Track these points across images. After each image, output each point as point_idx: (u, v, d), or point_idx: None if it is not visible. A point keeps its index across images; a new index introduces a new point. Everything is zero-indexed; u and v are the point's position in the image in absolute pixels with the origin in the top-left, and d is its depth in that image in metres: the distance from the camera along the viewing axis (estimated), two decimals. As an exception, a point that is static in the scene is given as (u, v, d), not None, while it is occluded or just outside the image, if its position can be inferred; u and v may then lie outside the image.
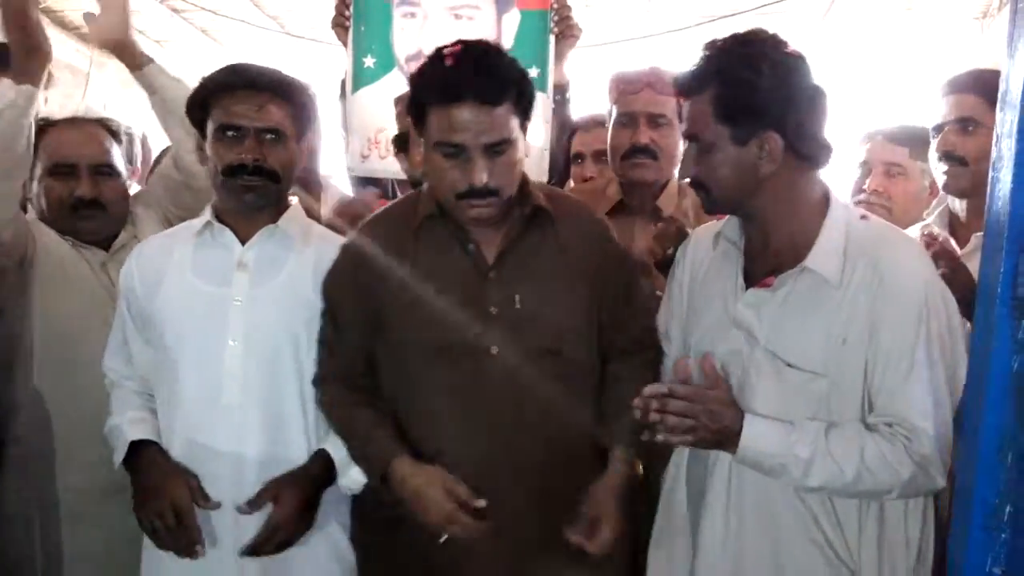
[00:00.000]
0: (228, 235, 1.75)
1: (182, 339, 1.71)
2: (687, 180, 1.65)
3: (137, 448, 1.72)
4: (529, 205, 1.63)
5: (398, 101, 2.28)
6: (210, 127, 1.71)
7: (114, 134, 2.09)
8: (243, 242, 1.75)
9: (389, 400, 1.67)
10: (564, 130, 2.51)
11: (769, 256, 1.52)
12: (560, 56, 2.44)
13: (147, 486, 1.68)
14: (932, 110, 2.03)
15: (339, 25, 2.50)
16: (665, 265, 1.85)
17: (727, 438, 1.41)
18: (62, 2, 5.28)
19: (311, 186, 2.38)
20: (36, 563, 1.89)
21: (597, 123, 2.46)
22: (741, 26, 1.53)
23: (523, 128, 1.59)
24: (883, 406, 1.40)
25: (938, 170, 1.99)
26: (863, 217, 1.52)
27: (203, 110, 1.72)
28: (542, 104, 2.34)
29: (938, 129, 2.00)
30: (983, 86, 1.92)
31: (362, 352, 1.68)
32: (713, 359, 1.49)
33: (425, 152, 1.57)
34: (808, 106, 1.46)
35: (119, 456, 1.73)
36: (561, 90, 2.47)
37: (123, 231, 2.06)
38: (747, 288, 1.52)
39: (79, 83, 5.35)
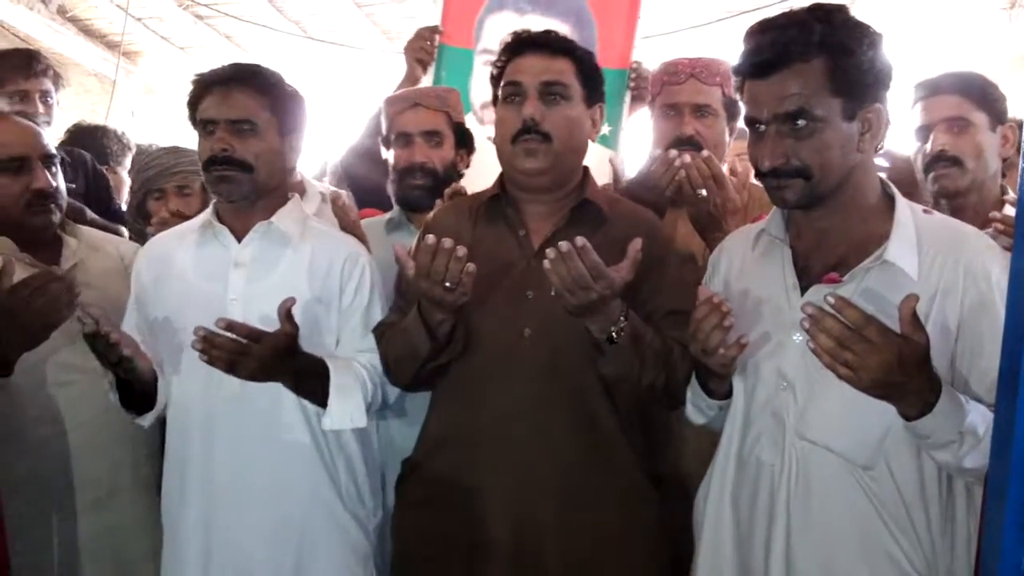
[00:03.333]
0: (226, 233, 1.78)
1: (184, 335, 1.73)
2: (771, 170, 1.39)
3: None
4: (580, 196, 1.71)
5: (394, 100, 2.31)
6: None
7: (35, 123, 2.00)
8: (240, 240, 1.77)
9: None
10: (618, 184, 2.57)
11: (826, 252, 1.43)
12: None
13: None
14: (911, 114, 2.04)
15: (417, 58, 2.59)
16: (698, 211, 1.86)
17: (912, 393, 1.23)
18: (89, 11, 5.34)
19: (293, 185, 2.41)
20: (53, 560, 1.87)
21: None
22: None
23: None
24: (990, 396, 1.30)
25: (927, 174, 1.99)
26: (926, 211, 1.46)
27: (194, 111, 1.76)
28: (611, 160, 2.41)
29: (923, 132, 2.01)
30: (964, 86, 1.98)
31: None
32: None
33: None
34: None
35: (114, 394, 1.77)
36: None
37: (66, 247, 1.93)
38: (801, 287, 1.43)
39: (106, 90, 5.42)
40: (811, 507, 1.40)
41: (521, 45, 1.71)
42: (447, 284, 1.49)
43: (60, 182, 1.93)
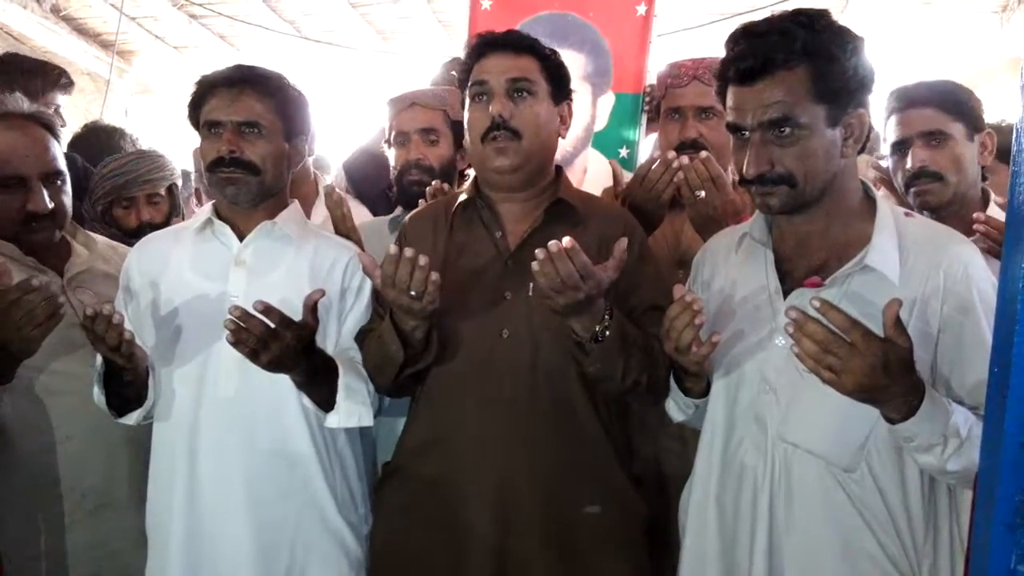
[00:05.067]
0: (227, 232, 1.77)
1: (179, 333, 1.74)
2: (756, 177, 1.39)
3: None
4: (555, 196, 1.71)
5: (394, 101, 2.33)
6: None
7: (51, 129, 1.88)
8: (242, 239, 1.76)
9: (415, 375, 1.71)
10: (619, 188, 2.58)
11: (808, 256, 1.44)
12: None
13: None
14: (886, 125, 2.01)
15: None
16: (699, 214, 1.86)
17: (896, 397, 1.24)
18: (84, 10, 5.33)
19: (305, 180, 2.42)
20: (41, 572, 1.81)
21: None
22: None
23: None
24: (972, 398, 1.33)
25: (908, 189, 1.97)
26: (907, 215, 1.47)
27: (197, 112, 1.76)
28: (612, 163, 2.43)
29: (900, 146, 1.99)
30: (938, 97, 1.95)
31: None
32: None
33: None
34: None
35: (99, 390, 1.74)
36: None
37: (75, 255, 1.91)
38: (784, 290, 1.44)
39: (99, 89, 5.41)
40: (794, 509, 1.41)
41: (485, 46, 1.72)
42: (412, 293, 1.49)
43: (64, 198, 1.87)
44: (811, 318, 1.22)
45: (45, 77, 2.86)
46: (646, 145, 2.72)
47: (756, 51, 1.35)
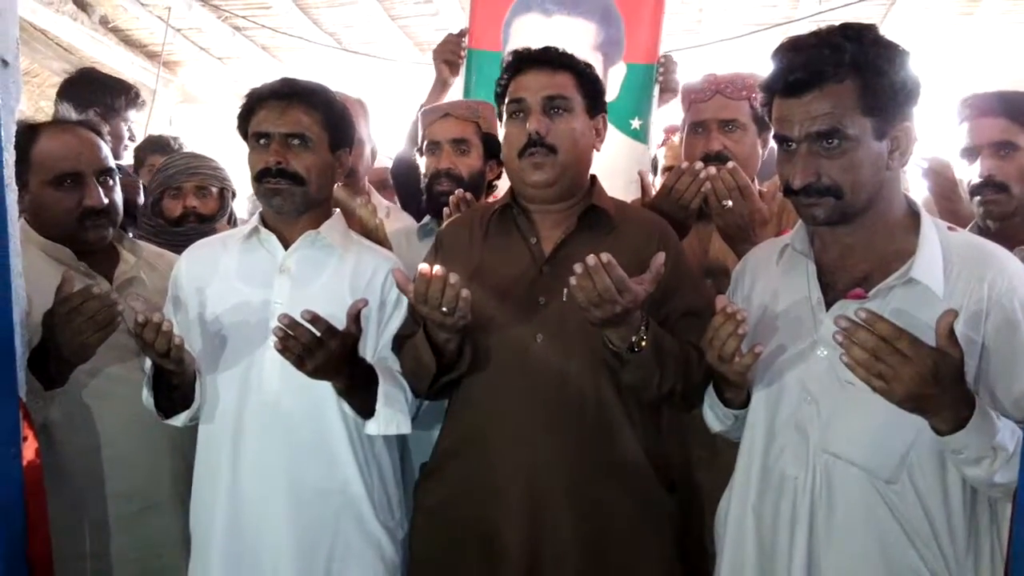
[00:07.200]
0: (273, 240, 1.82)
1: (224, 338, 1.79)
2: (802, 187, 1.40)
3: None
4: (588, 203, 1.73)
5: (427, 112, 2.38)
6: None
7: (99, 134, 1.97)
8: (287, 247, 1.81)
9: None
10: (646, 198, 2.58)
11: (851, 268, 1.45)
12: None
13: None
14: (957, 131, 2.03)
15: (445, 60, 2.65)
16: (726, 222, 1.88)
17: (946, 408, 1.23)
18: (131, 22, 5.45)
19: (359, 193, 2.47)
20: (86, 567, 1.85)
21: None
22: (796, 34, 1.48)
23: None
24: (1017, 410, 1.33)
25: (973, 197, 1.99)
26: (950, 228, 1.47)
27: (246, 123, 1.81)
28: (641, 153, 2.44)
29: (969, 153, 2.01)
30: (1011, 108, 1.96)
31: None
32: None
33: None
34: None
35: (148, 393, 1.78)
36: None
37: (123, 262, 1.97)
38: (826, 302, 1.44)
39: (145, 98, 5.52)
40: (834, 520, 1.41)
41: (522, 62, 1.76)
42: (444, 309, 1.52)
43: (116, 196, 1.94)
44: (861, 326, 1.22)
45: (126, 95, 3.05)
46: (659, 119, 2.69)
47: (805, 63, 1.36)
